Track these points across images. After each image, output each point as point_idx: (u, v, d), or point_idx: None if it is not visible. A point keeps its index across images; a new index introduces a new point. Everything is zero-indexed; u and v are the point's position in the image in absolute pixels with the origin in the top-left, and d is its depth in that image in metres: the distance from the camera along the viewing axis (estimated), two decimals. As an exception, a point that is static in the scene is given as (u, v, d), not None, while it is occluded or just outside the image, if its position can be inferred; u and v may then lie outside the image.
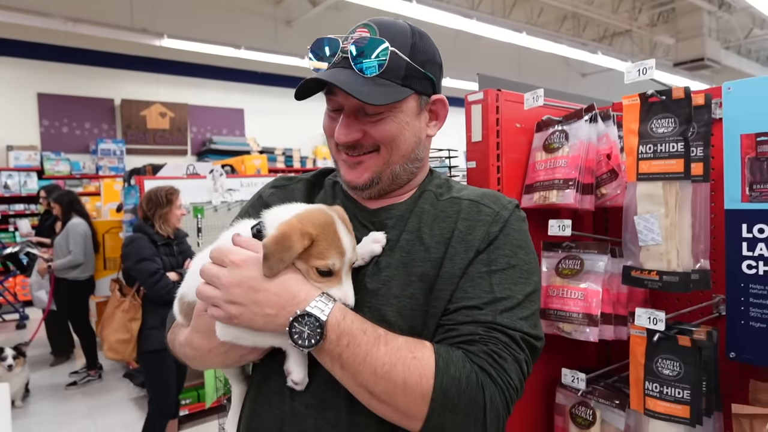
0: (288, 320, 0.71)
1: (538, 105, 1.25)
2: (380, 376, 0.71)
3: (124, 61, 9.19)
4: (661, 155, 1.07)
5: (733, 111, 1.09)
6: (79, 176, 8.68)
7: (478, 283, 0.79)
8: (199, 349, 0.84)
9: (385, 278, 0.82)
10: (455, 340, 0.76)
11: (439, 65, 0.91)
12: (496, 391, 0.73)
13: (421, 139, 0.91)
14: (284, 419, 0.81)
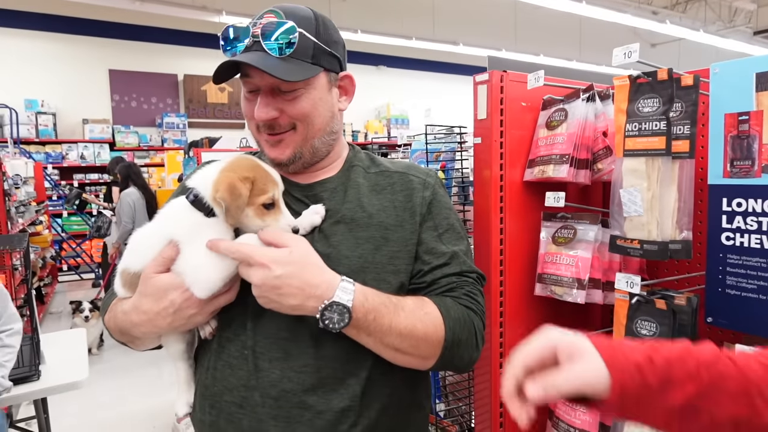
0: (315, 309, 0.81)
1: (539, 85, 1.34)
2: (405, 336, 0.86)
3: (186, 38, 9.63)
4: (644, 133, 1.15)
5: (719, 91, 1.14)
6: (146, 148, 9.28)
7: (437, 247, 0.98)
8: (147, 312, 0.87)
9: (333, 243, 0.92)
10: (439, 291, 0.96)
11: (342, 45, 1.00)
12: (478, 319, 0.96)
13: (334, 113, 1.00)
14: (249, 376, 0.87)
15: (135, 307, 0.89)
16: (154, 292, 0.86)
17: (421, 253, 0.97)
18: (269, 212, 0.87)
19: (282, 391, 0.86)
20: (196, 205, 0.87)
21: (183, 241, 0.86)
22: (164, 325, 0.87)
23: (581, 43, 11.85)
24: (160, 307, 0.86)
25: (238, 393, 0.88)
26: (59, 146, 8.56)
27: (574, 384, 0.60)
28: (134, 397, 3.92)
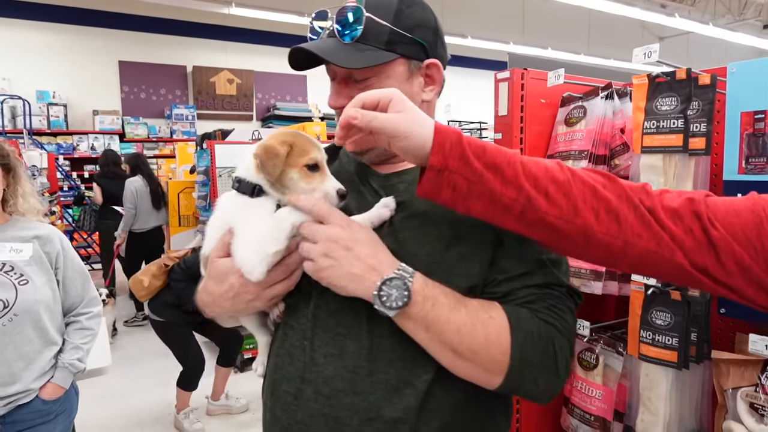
0: (374, 283, 0.75)
1: (559, 83, 1.38)
2: (464, 334, 0.75)
3: (195, 30, 9.67)
4: (662, 130, 1.19)
5: (735, 90, 1.18)
6: (155, 139, 9.35)
7: (519, 253, 0.83)
8: (212, 293, 0.88)
9: (401, 239, 0.85)
10: (516, 303, 0.81)
11: (433, 29, 0.91)
12: (563, 340, 0.80)
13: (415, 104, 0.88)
14: (305, 369, 0.85)
15: (204, 288, 0.91)
16: (217, 275, 0.86)
17: (498, 259, 0.84)
18: (314, 175, 0.84)
19: (333, 389, 0.82)
20: (241, 189, 0.87)
21: (235, 225, 0.86)
22: (227, 307, 0.87)
23: (589, 36, 11.80)
24: (222, 290, 0.85)
25: (294, 384, 0.86)
26: (70, 137, 8.64)
27: (389, 125, 0.72)
28: (149, 386, 4.01)
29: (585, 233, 0.70)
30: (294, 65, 0.91)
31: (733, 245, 0.65)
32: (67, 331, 1.87)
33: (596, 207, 0.69)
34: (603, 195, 0.70)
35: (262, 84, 10.53)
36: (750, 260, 0.65)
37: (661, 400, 1.26)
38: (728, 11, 12.56)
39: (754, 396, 1.09)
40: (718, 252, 0.66)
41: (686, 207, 0.69)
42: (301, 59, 0.89)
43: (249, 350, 4.36)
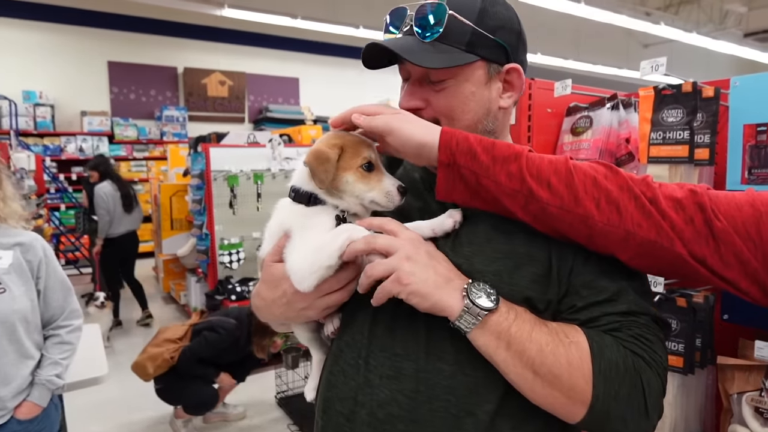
0: (459, 287, 0.71)
1: (566, 93, 1.42)
2: (546, 354, 0.69)
3: (186, 31, 9.62)
4: (669, 141, 1.23)
5: (738, 103, 1.22)
6: (145, 141, 9.27)
7: (596, 279, 0.76)
8: (264, 299, 0.86)
9: (467, 253, 0.80)
10: (599, 329, 0.74)
11: (516, 33, 0.86)
12: (652, 375, 0.71)
13: (491, 111, 0.86)
14: (358, 389, 0.80)
15: (257, 292, 0.89)
16: (271, 280, 0.84)
17: (577, 287, 0.77)
18: (371, 175, 0.81)
19: (389, 414, 0.76)
20: (297, 199, 0.85)
21: (292, 231, 0.84)
22: (278, 313, 0.85)
23: (578, 42, 11.95)
24: (275, 295, 0.83)
25: (347, 404, 0.81)
26: (57, 138, 8.55)
27: (380, 122, 0.78)
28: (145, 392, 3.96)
29: (586, 223, 0.71)
30: (367, 63, 0.86)
31: (734, 237, 0.67)
32: (45, 346, 1.78)
33: (597, 197, 0.71)
34: (604, 185, 0.72)
35: (254, 86, 10.51)
36: (748, 254, 0.67)
37: (668, 405, 1.29)
38: (710, 20, 12.82)
39: (759, 400, 1.13)
40: (718, 243, 0.68)
41: (689, 198, 0.70)
42: (374, 57, 0.85)
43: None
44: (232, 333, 3.23)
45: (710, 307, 1.29)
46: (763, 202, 0.68)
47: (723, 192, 0.72)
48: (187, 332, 3.29)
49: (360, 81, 11.52)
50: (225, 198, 4.38)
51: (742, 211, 0.68)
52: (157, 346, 3.21)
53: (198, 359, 3.18)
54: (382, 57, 0.85)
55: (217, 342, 3.19)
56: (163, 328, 3.42)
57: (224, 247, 4.35)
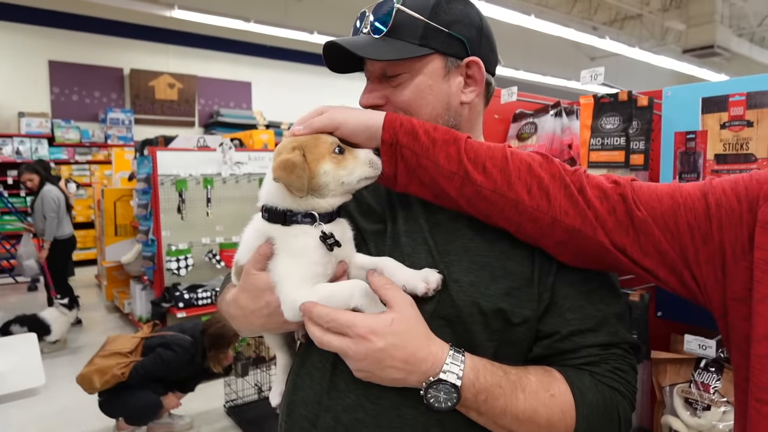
0: (418, 383, 0.70)
1: (512, 100, 1.46)
2: (522, 422, 0.71)
3: (134, 31, 9.31)
4: (607, 147, 1.29)
5: (670, 112, 1.30)
6: (88, 144, 8.88)
7: (584, 306, 0.78)
8: (243, 308, 0.82)
9: (446, 262, 0.79)
10: (577, 362, 0.77)
11: (476, 27, 0.86)
12: (626, 404, 0.77)
13: (451, 105, 0.85)
14: (323, 393, 0.79)
15: (234, 300, 0.84)
16: (252, 290, 0.80)
17: (562, 309, 0.78)
18: (345, 156, 0.78)
19: (355, 420, 0.76)
20: (272, 219, 0.80)
21: (277, 245, 0.79)
22: (258, 324, 0.82)
23: (528, 53, 12.37)
24: (255, 306, 0.80)
25: (312, 409, 0.80)
26: (-8, 140, 8.06)
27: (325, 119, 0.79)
28: (86, 405, 3.77)
29: (517, 207, 0.74)
30: (331, 67, 0.87)
31: (653, 228, 0.69)
32: None
33: (529, 183, 0.73)
34: (537, 172, 0.74)
35: (205, 89, 10.26)
36: (666, 244, 0.69)
37: (607, 399, 1.34)
38: (652, 36, 13.57)
39: (689, 391, 1.19)
40: (638, 233, 0.70)
41: (613, 189, 0.73)
42: (337, 59, 0.86)
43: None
44: (188, 351, 3.13)
45: (645, 305, 1.36)
46: (683, 194, 0.70)
47: (647, 183, 0.75)
48: (138, 346, 3.15)
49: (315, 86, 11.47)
50: (173, 203, 4.24)
51: (662, 203, 0.70)
52: (105, 357, 3.05)
53: (152, 377, 3.07)
54: (346, 60, 0.85)
55: (172, 361, 3.08)
56: (112, 338, 3.25)
57: (171, 253, 4.21)
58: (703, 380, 1.18)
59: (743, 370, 0.65)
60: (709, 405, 1.15)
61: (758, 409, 0.61)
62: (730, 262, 0.65)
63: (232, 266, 0.94)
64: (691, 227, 0.68)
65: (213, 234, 4.46)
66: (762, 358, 0.61)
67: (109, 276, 5.91)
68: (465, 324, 0.76)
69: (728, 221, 0.66)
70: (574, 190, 0.73)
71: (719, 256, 0.66)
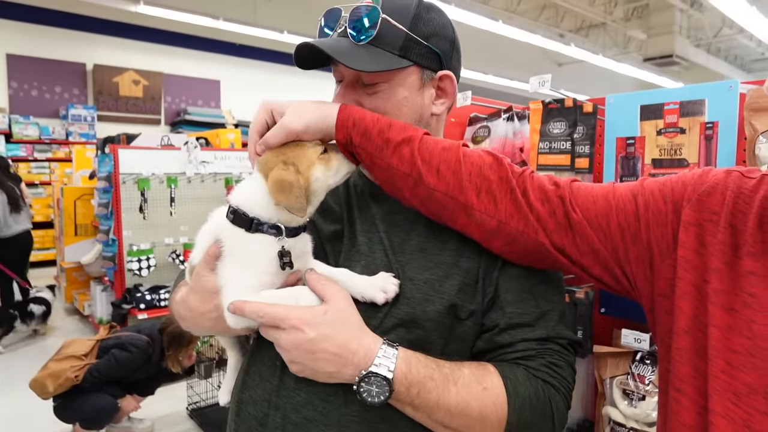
0: (351, 377, 0.71)
1: (467, 104, 1.51)
2: (455, 414, 0.72)
3: (97, 25, 9.07)
4: (554, 151, 1.35)
5: (612, 118, 1.37)
6: (48, 141, 8.60)
7: (526, 300, 0.80)
8: (193, 310, 0.82)
9: (401, 261, 0.80)
10: (512, 356, 0.79)
11: (450, 40, 0.87)
12: (560, 399, 0.78)
13: (423, 117, 0.87)
14: (273, 392, 0.79)
15: (184, 300, 0.84)
16: (201, 292, 0.80)
17: (503, 303, 0.80)
18: (329, 157, 0.79)
19: (304, 419, 0.76)
20: (237, 222, 0.77)
21: (225, 247, 0.78)
22: (206, 327, 0.82)
23: (496, 59, 12.59)
24: (204, 308, 0.79)
25: (260, 407, 0.80)
26: (-56, 135, 7.73)
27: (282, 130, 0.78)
28: (39, 411, 3.66)
29: (466, 210, 0.76)
30: (299, 63, 0.85)
31: (587, 228, 0.73)
32: None
33: (479, 186, 0.76)
34: (486, 175, 0.76)
35: (172, 87, 10.07)
36: (599, 243, 0.73)
37: (553, 392, 1.40)
38: (615, 44, 13.99)
39: (626, 383, 1.26)
40: (575, 234, 0.74)
41: (554, 191, 0.76)
42: (306, 58, 0.84)
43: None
44: (144, 351, 3.06)
45: (590, 302, 1.42)
46: (615, 195, 0.74)
47: (586, 185, 0.78)
48: (93, 348, 3.08)
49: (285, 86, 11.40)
50: (135, 202, 4.17)
51: (597, 204, 0.74)
52: (59, 361, 2.97)
53: (108, 380, 3.00)
54: (315, 58, 0.83)
55: (127, 362, 3.01)
56: (68, 342, 3.16)
57: (133, 254, 4.13)
58: (640, 372, 1.24)
59: (665, 362, 0.69)
60: (645, 396, 1.21)
61: (677, 399, 0.65)
62: (657, 260, 0.69)
63: (187, 264, 0.93)
64: (621, 227, 0.72)
65: (177, 234, 4.40)
66: (681, 351, 0.64)
67: (68, 277, 5.74)
68: (418, 322, 0.77)
69: (655, 221, 0.69)
70: (519, 194, 0.76)
71: (647, 255, 0.70)
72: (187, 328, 0.89)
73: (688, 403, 0.63)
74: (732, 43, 15.04)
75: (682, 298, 0.65)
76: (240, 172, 4.67)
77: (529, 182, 0.78)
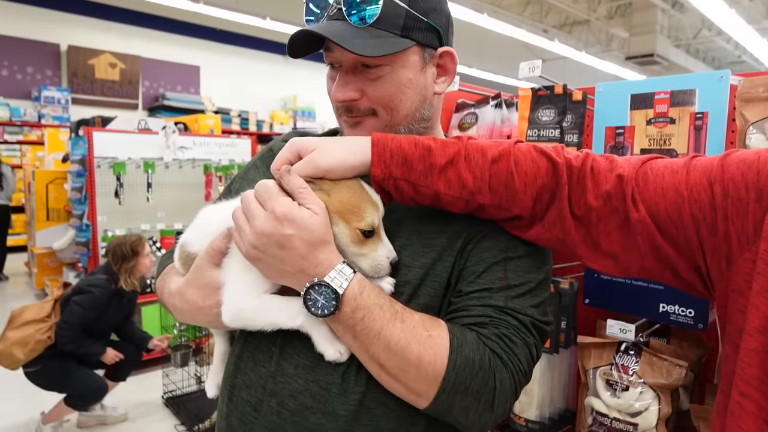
0: (303, 284, 0.69)
1: (454, 90, 1.48)
2: (393, 352, 0.69)
3: (72, 4, 8.80)
4: (542, 138, 1.33)
5: (602, 107, 1.35)
6: (19, 123, 8.34)
7: (493, 269, 0.77)
8: (191, 303, 0.80)
9: (396, 246, 0.77)
10: (466, 321, 0.74)
11: (446, 15, 0.84)
12: (506, 375, 0.72)
13: (427, 97, 0.84)
14: (269, 377, 0.77)
15: (181, 293, 0.81)
16: (203, 287, 0.78)
17: (471, 272, 0.77)
18: (368, 240, 0.74)
19: (301, 406, 0.74)
20: None
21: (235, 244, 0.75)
22: (204, 321, 0.80)
23: (481, 52, 12.59)
24: (204, 303, 0.78)
25: (255, 393, 0.78)
26: None
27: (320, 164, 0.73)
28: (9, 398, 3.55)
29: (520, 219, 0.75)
30: (291, 51, 0.80)
31: (650, 226, 0.68)
32: None
33: (534, 196, 0.73)
34: (541, 184, 0.73)
35: (150, 71, 9.83)
36: (666, 239, 0.67)
37: (535, 383, 1.39)
38: (598, 42, 14.12)
39: (609, 373, 1.25)
40: (635, 234, 0.69)
41: (615, 188, 0.70)
42: (299, 45, 0.79)
43: (128, 355, 4.04)
44: (105, 287, 2.96)
45: (574, 292, 1.41)
46: (689, 185, 0.67)
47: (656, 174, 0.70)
48: (54, 307, 2.96)
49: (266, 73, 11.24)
50: (110, 187, 4.05)
51: (667, 198, 0.68)
52: (18, 329, 2.84)
53: (81, 330, 2.88)
54: (307, 44, 0.80)
55: (93, 302, 2.90)
56: (18, 310, 2.98)
57: (108, 239, 4.01)
58: (623, 363, 1.24)
59: (732, 363, 0.64)
60: (628, 386, 1.21)
61: (741, 403, 0.60)
62: (736, 253, 0.63)
63: (176, 248, 0.90)
64: (696, 219, 0.66)
65: (154, 221, 4.29)
66: (751, 353, 0.60)
67: (39, 263, 5.57)
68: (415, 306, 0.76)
69: (734, 211, 0.63)
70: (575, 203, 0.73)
71: (725, 247, 0.64)
72: (181, 320, 0.87)
73: (754, 408, 0.59)
74: (711, 45, 15.29)
75: (760, 295, 0.59)
76: (219, 159, 4.58)
77: (589, 180, 0.72)
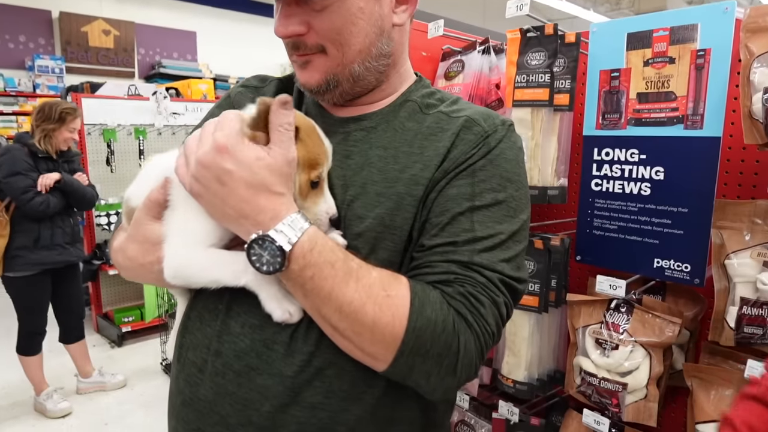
0: (247, 233, 0.63)
1: (438, 35, 1.37)
2: (345, 314, 0.63)
3: (62, -30, 8.54)
4: (531, 84, 1.23)
5: (596, 49, 1.25)
6: (14, 93, 8.21)
7: (458, 220, 0.69)
8: (132, 260, 0.75)
9: (348, 198, 0.72)
10: (430, 278, 0.68)
11: None
12: (471, 337, 0.66)
13: (384, 29, 0.74)
14: (214, 337, 0.73)
15: (122, 249, 0.77)
16: (142, 242, 0.73)
17: (434, 224, 0.70)
18: (311, 192, 0.70)
19: (246, 366, 0.69)
20: None
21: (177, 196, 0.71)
22: (150, 279, 0.76)
23: (485, 11, 12.21)
24: (145, 260, 0.73)
25: (200, 353, 0.74)
26: None
27: None
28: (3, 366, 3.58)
29: None
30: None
31: None
32: None
33: None
34: None
35: (145, 38, 9.59)
36: None
37: (523, 342, 1.34)
38: (607, 0, 13.64)
39: (599, 332, 1.19)
40: None
41: None
42: None
43: (127, 323, 4.05)
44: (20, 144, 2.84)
45: (565, 249, 1.34)
46: None
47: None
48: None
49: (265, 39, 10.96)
50: (101, 154, 3.98)
51: None
52: None
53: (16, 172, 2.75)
54: None
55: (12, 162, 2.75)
56: None
57: (101, 208, 3.97)
58: (614, 321, 1.18)
59: None
60: (618, 345, 1.15)
61: None
62: None
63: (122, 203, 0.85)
64: None
65: (148, 188, 4.24)
66: None
67: None
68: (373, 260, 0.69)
69: None
70: None
71: None
72: (128, 278, 0.82)
73: None
74: (723, 1, 14.70)
75: None
76: (213, 125, 4.48)
77: None
